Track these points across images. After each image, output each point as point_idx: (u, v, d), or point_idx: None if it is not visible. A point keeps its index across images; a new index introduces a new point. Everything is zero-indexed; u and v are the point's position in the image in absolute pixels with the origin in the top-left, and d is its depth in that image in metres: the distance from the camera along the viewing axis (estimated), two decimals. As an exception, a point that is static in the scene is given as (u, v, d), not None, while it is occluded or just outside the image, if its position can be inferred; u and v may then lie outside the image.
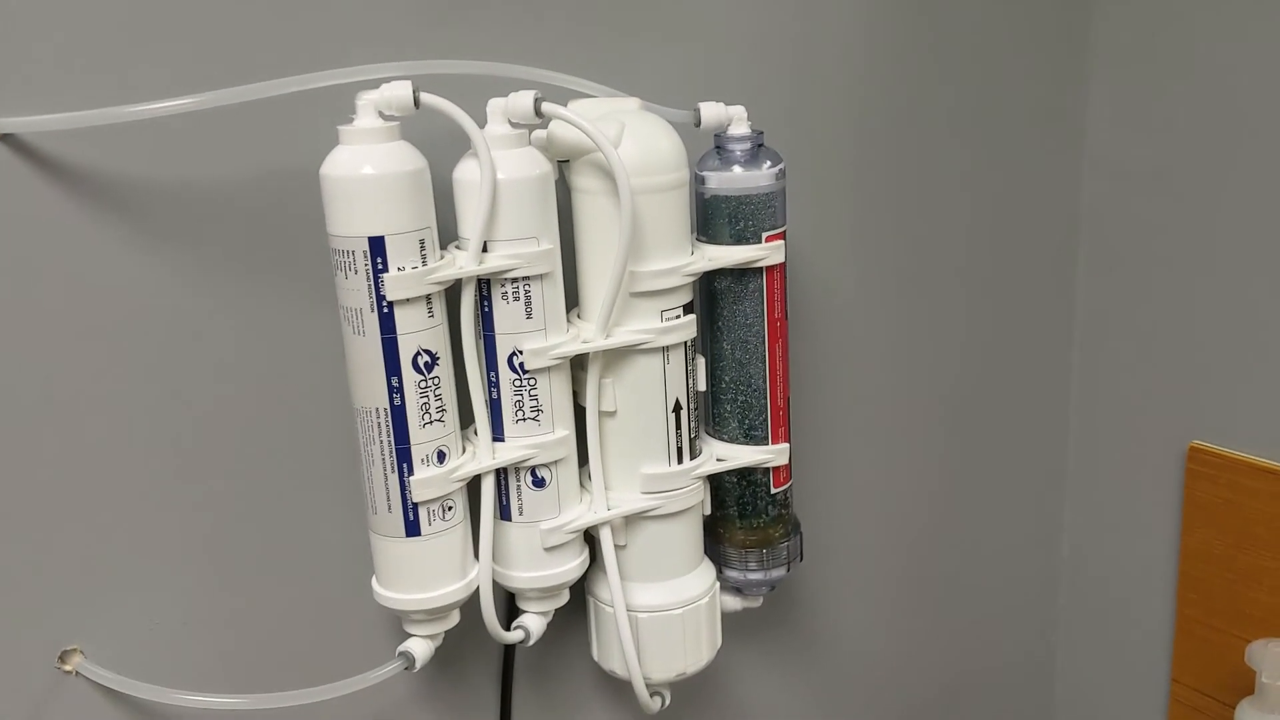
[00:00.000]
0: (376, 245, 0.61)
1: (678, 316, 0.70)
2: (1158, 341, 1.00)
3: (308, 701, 0.68)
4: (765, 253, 0.72)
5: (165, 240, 0.64)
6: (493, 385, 0.67)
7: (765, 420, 0.76)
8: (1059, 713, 1.17)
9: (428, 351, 0.64)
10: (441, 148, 0.64)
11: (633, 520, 0.73)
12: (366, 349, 0.63)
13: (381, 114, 0.61)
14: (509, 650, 0.80)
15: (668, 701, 0.78)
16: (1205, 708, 1.01)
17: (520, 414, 0.68)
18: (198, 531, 0.68)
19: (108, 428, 0.64)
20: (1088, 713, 1.14)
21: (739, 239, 0.72)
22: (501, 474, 0.69)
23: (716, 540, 0.79)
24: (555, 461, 0.69)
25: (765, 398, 0.75)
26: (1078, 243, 1.03)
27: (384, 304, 0.62)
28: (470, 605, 0.70)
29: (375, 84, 0.62)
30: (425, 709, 0.78)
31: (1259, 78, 0.89)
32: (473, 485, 0.68)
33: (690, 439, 0.73)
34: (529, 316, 0.66)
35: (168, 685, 0.67)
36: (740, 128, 0.72)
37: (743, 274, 0.73)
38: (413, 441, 0.64)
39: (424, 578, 0.67)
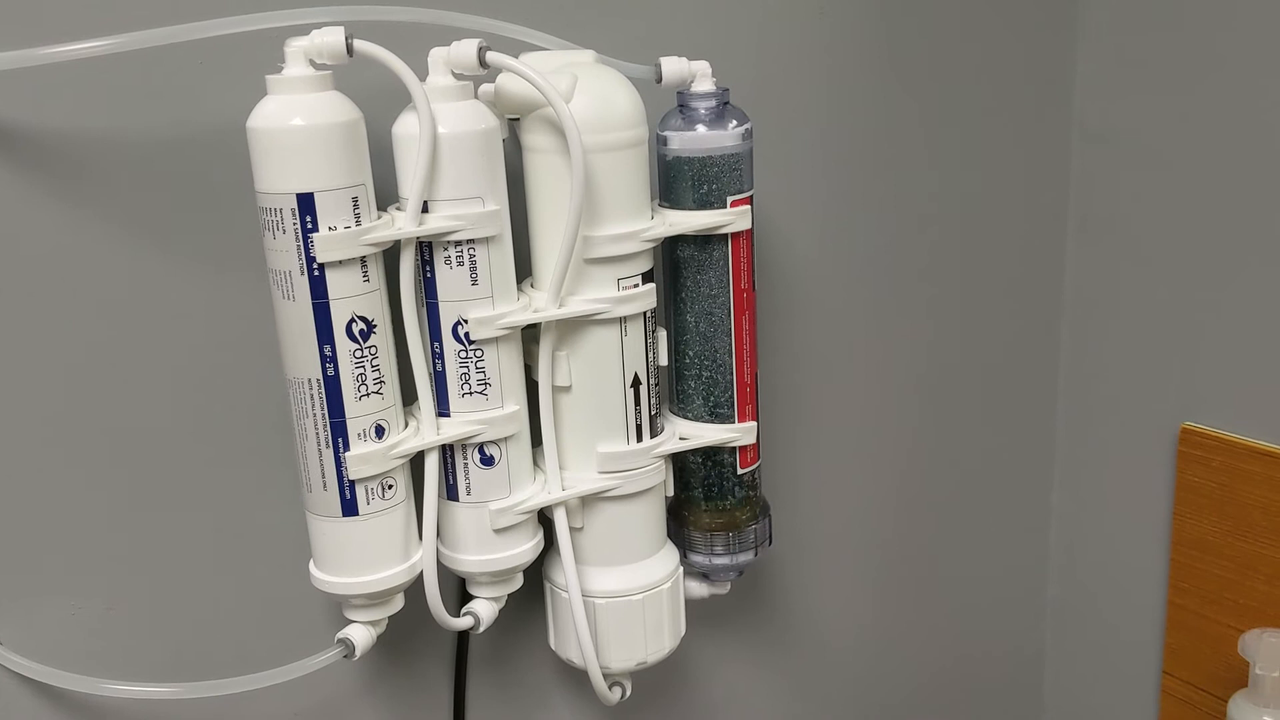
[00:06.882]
0: (305, 203, 0.57)
1: (636, 285, 0.66)
2: (1149, 317, 0.96)
3: (242, 690, 0.65)
4: (731, 218, 0.68)
5: (80, 197, 0.60)
6: (436, 357, 0.64)
7: (731, 397, 0.72)
8: (1047, 706, 1.14)
9: (363, 319, 0.60)
10: (380, 103, 0.61)
11: (589, 501, 0.69)
12: (297, 315, 0.59)
13: (313, 62, 0.58)
14: (463, 638, 0.76)
15: (628, 692, 0.74)
16: (1198, 701, 0.97)
17: (466, 387, 0.64)
18: (121, 511, 0.64)
19: (22, 401, 0.61)
20: (1077, 706, 1.11)
21: (703, 203, 0.68)
22: (447, 451, 0.65)
23: (681, 523, 0.75)
24: (505, 438, 0.65)
25: (731, 373, 0.72)
26: (1066, 213, 0.99)
27: (314, 266, 0.58)
28: (419, 590, 0.66)
29: (306, 30, 0.58)
30: (374, 699, 0.75)
31: (1252, 41, 0.85)
32: (417, 463, 0.65)
33: (650, 416, 0.69)
34: (474, 283, 0.62)
35: (92, 674, 0.63)
36: (704, 84, 0.68)
37: (707, 241, 0.69)
38: (348, 415, 0.60)
39: (363, 560, 0.63)
